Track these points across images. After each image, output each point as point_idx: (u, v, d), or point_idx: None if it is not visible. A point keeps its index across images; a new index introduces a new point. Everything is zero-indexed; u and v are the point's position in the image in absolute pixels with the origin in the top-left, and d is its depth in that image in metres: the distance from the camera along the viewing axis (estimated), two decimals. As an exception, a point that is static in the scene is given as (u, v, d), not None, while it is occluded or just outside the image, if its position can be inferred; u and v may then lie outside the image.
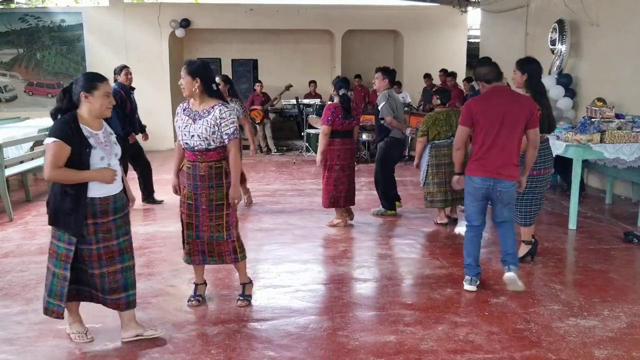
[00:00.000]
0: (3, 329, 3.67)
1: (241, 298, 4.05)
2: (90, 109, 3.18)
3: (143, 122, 7.37)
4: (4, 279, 4.58)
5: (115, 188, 3.29)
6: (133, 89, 7.09)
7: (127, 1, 13.41)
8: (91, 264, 3.27)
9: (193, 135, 3.73)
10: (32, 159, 7.82)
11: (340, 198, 6.01)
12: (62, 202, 3.13)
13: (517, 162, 4.12)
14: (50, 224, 3.24)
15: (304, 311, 3.94)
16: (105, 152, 3.22)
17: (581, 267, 4.85)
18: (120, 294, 3.36)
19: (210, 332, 3.60)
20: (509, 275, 4.22)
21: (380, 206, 6.66)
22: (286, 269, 4.83)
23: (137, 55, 12.64)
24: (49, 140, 3.07)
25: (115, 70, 7.01)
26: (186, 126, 3.77)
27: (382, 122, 6.35)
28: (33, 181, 8.75)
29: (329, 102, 6.16)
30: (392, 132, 6.35)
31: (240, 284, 4.11)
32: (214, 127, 3.71)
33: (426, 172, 6.15)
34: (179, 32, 12.99)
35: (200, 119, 3.73)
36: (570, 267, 4.97)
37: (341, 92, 5.90)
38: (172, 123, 12.96)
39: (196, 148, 3.75)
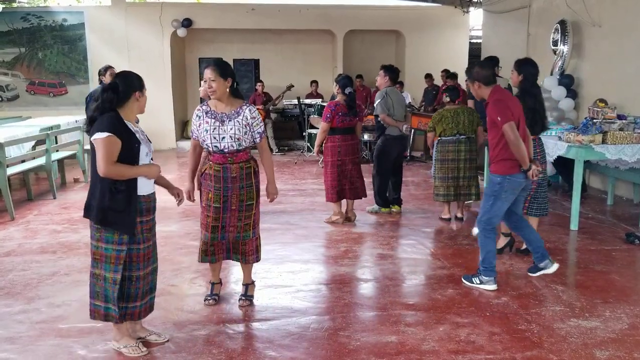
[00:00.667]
0: (4, 327, 3.67)
1: (243, 298, 4.05)
2: (140, 106, 3.24)
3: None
4: (6, 278, 4.58)
5: (152, 186, 3.30)
6: None
7: (129, 0, 13.40)
8: (138, 265, 3.21)
9: (224, 137, 3.68)
10: (34, 158, 7.83)
11: (344, 191, 6.13)
12: (112, 200, 3.05)
13: None
14: (97, 224, 3.11)
15: (305, 311, 3.94)
16: (148, 147, 3.24)
17: (582, 268, 4.84)
18: (147, 297, 3.34)
19: (212, 332, 3.60)
20: (556, 266, 4.42)
21: (375, 204, 6.70)
22: (287, 268, 4.83)
23: (139, 54, 12.65)
24: (102, 135, 3.00)
25: (100, 71, 7.01)
26: (215, 129, 3.69)
27: (378, 119, 6.43)
28: (35, 180, 8.76)
29: (331, 100, 6.20)
30: (388, 129, 6.40)
31: (244, 284, 4.11)
32: (245, 127, 3.70)
33: (434, 167, 6.31)
34: (181, 32, 13.00)
35: (230, 121, 3.68)
36: (572, 268, 4.96)
37: (347, 90, 5.95)
38: (174, 123, 13.01)
39: (226, 150, 3.70)
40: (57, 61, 12.84)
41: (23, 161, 7.68)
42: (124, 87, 3.16)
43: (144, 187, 3.19)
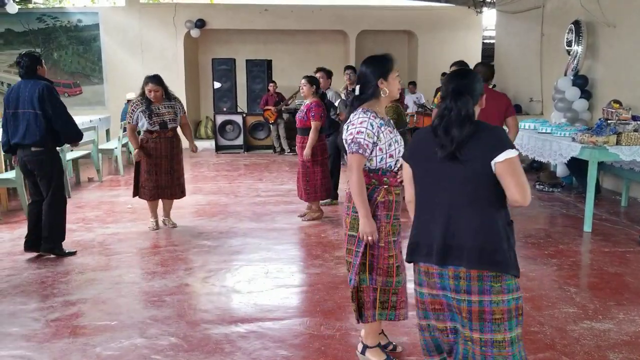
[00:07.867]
0: (20, 325, 3.71)
1: None
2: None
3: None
4: (21, 276, 4.64)
5: None
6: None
7: (143, 1, 13.51)
8: (470, 323, 2.26)
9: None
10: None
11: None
12: (512, 236, 2.27)
13: None
14: (511, 272, 2.20)
15: (317, 311, 3.95)
16: None
17: (596, 270, 4.81)
18: None
19: (224, 331, 3.62)
20: None
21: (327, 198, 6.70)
22: (299, 268, 4.84)
23: (153, 55, 12.76)
24: (516, 153, 2.16)
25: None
26: (396, 141, 2.93)
27: (334, 117, 6.93)
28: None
29: (313, 100, 6.44)
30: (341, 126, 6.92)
31: None
32: None
33: None
34: (194, 33, 13.08)
35: (393, 129, 2.97)
36: (585, 269, 4.93)
37: (320, 91, 6.59)
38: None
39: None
40: (72, 61, 12.98)
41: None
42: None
43: None
